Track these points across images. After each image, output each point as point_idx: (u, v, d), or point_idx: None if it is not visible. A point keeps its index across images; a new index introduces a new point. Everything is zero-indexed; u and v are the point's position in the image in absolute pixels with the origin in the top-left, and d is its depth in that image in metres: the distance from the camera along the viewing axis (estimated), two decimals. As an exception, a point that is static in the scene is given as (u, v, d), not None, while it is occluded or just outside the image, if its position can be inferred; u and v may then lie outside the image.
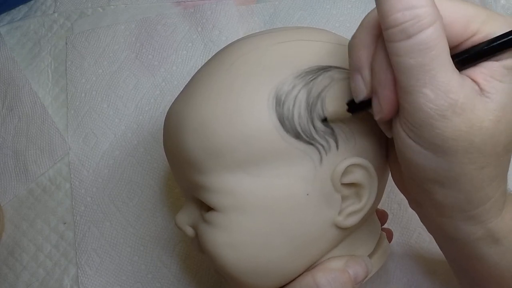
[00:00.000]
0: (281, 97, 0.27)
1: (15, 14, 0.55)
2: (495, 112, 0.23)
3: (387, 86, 0.24)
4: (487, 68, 0.23)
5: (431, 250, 0.42)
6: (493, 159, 0.24)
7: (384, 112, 0.24)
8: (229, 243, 0.28)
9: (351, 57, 0.25)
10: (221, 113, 0.28)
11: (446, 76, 0.22)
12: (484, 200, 0.25)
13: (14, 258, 0.46)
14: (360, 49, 0.25)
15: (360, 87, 0.25)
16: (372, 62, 0.24)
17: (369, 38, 0.24)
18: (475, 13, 0.24)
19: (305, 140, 0.27)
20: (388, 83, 0.24)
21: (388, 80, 0.24)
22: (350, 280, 0.29)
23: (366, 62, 0.25)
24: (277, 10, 0.51)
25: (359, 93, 0.25)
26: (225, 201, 0.28)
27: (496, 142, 0.23)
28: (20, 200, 0.47)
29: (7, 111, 0.50)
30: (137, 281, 0.44)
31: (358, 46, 0.25)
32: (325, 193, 0.28)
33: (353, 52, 0.25)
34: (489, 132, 0.23)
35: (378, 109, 0.25)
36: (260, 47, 0.29)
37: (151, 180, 0.46)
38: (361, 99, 0.25)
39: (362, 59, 0.25)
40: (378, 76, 0.24)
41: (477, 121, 0.23)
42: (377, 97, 0.25)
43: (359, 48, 0.25)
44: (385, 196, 0.43)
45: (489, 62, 0.24)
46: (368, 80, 0.25)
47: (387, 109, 0.24)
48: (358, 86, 0.25)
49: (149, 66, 0.50)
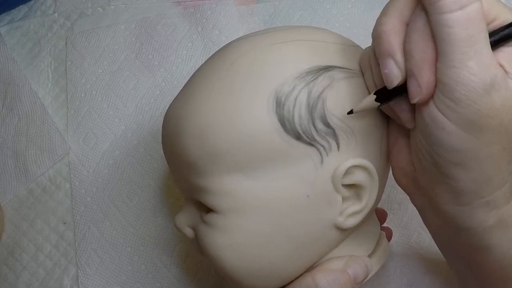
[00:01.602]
0: (281, 98, 0.27)
1: (15, 14, 0.54)
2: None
3: (426, 65, 0.24)
4: (506, 53, 0.24)
5: (431, 250, 0.42)
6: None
7: (424, 92, 0.25)
8: (229, 245, 0.28)
9: (381, 44, 0.25)
10: (221, 114, 0.27)
11: (488, 51, 0.23)
12: (501, 184, 0.26)
13: (14, 258, 0.46)
14: (390, 34, 0.25)
15: (394, 71, 0.25)
16: (406, 45, 0.25)
17: (398, 24, 0.25)
18: (493, 1, 0.25)
19: (305, 141, 0.27)
20: (428, 62, 0.24)
21: (428, 58, 0.24)
22: (350, 281, 0.29)
23: (399, 47, 0.25)
24: (277, 10, 0.51)
25: (394, 78, 0.25)
26: (225, 203, 0.28)
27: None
28: (20, 200, 0.47)
29: (7, 111, 0.50)
30: (137, 281, 0.44)
31: (388, 32, 0.25)
32: (325, 194, 0.28)
33: (383, 38, 0.25)
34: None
35: (417, 91, 0.25)
36: (260, 46, 0.29)
37: (151, 180, 0.46)
38: (396, 84, 0.25)
39: (394, 44, 0.25)
40: (416, 57, 0.24)
41: (509, 100, 0.24)
42: (415, 78, 0.25)
43: (389, 33, 0.25)
44: (385, 196, 0.43)
45: (508, 47, 0.25)
46: (402, 65, 0.25)
47: (427, 89, 0.24)
48: (392, 71, 0.25)
49: (149, 66, 0.50)
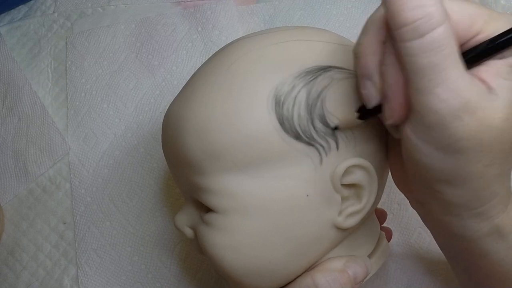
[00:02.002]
0: (281, 97, 0.27)
1: (15, 14, 0.55)
2: (503, 110, 0.23)
3: (397, 90, 0.24)
4: (492, 67, 0.24)
5: (431, 250, 0.42)
6: (500, 156, 0.24)
7: (396, 116, 0.24)
8: (229, 245, 0.28)
9: (359, 64, 0.25)
10: (221, 114, 0.27)
11: (458, 75, 0.22)
12: (491, 196, 0.25)
13: (14, 258, 0.46)
14: (368, 55, 0.25)
15: (371, 93, 0.25)
16: (381, 67, 0.24)
17: (375, 44, 0.24)
18: (478, 12, 0.24)
19: (305, 141, 0.27)
20: (399, 87, 0.24)
21: (398, 83, 0.24)
22: (350, 281, 0.29)
23: (375, 68, 0.25)
24: (277, 10, 0.51)
25: (371, 100, 0.25)
26: (225, 202, 0.28)
27: (504, 139, 0.24)
28: (20, 200, 0.47)
29: (7, 111, 0.50)
30: (137, 281, 0.44)
31: (365, 53, 0.25)
32: (325, 194, 0.28)
33: (360, 59, 0.25)
34: (498, 130, 0.23)
35: (390, 114, 0.25)
36: (259, 47, 0.29)
37: (151, 180, 0.46)
38: (373, 105, 0.25)
39: (371, 65, 0.25)
40: (388, 81, 0.24)
41: (487, 119, 0.23)
42: (388, 102, 0.24)
43: (366, 54, 0.25)
44: (385, 196, 0.43)
45: (493, 61, 0.24)
46: (378, 86, 0.25)
47: (399, 114, 0.24)
48: (369, 92, 0.25)
49: (149, 66, 0.50)
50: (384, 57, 0.24)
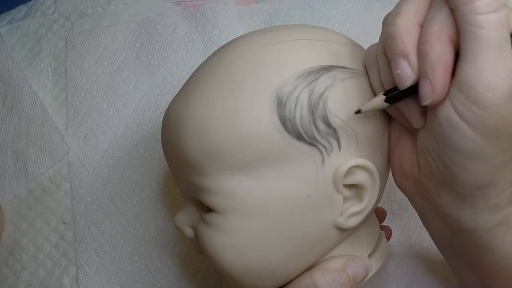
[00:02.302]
0: (283, 98, 0.27)
1: (15, 14, 0.54)
2: None
3: (442, 67, 0.24)
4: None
5: (431, 250, 0.42)
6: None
7: (437, 94, 0.24)
8: (229, 245, 0.28)
9: (395, 44, 0.25)
10: (221, 114, 0.27)
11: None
12: (506, 186, 0.26)
13: (14, 258, 0.46)
14: (404, 35, 0.25)
15: (407, 72, 0.25)
16: (420, 46, 0.25)
17: (412, 25, 0.25)
18: None
19: (307, 141, 0.27)
20: (444, 64, 0.24)
21: (444, 60, 0.24)
22: (349, 281, 0.29)
23: (413, 47, 0.25)
24: (277, 10, 0.51)
25: (407, 79, 0.25)
26: (226, 203, 0.28)
27: None
28: (20, 200, 0.47)
29: (7, 111, 0.50)
30: (137, 281, 0.44)
31: (402, 32, 0.25)
32: (326, 194, 0.28)
33: (397, 39, 0.25)
34: None
35: (429, 92, 0.25)
36: (260, 46, 0.29)
37: (151, 180, 0.46)
38: (409, 85, 0.25)
39: (408, 45, 0.25)
40: (431, 58, 0.24)
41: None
42: (428, 80, 0.24)
43: (403, 34, 0.25)
44: (385, 196, 0.43)
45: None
46: (415, 66, 0.25)
47: (441, 91, 0.24)
48: (405, 71, 0.25)
49: (149, 66, 0.50)
50: (426, 36, 0.24)
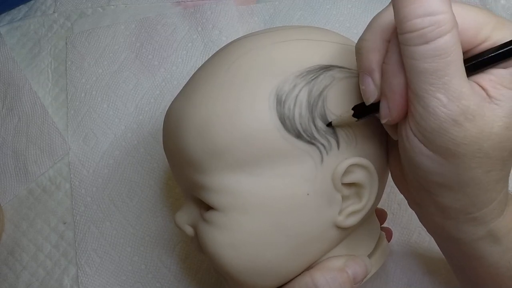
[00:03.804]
0: (282, 96, 0.27)
1: (15, 14, 0.55)
2: (503, 119, 0.23)
3: (398, 90, 0.24)
4: (496, 75, 0.24)
5: (431, 250, 0.42)
6: (499, 163, 0.24)
7: (393, 116, 0.24)
8: (228, 243, 0.28)
9: (361, 60, 0.25)
10: (222, 113, 0.27)
11: (459, 82, 0.22)
12: (488, 202, 0.25)
13: (14, 258, 0.46)
14: (370, 51, 0.25)
15: (371, 89, 0.25)
16: (383, 65, 0.24)
17: (379, 41, 0.24)
18: (486, 19, 0.24)
19: (306, 140, 0.27)
20: (399, 87, 0.24)
21: (399, 84, 0.24)
22: (349, 280, 0.29)
23: (377, 65, 0.25)
24: (277, 10, 0.51)
25: (370, 96, 0.25)
26: (225, 200, 0.28)
27: (504, 147, 0.24)
28: (20, 200, 0.47)
29: (7, 111, 0.50)
30: (137, 281, 0.44)
31: (368, 49, 0.25)
32: (325, 193, 0.28)
33: (363, 55, 0.25)
34: (498, 138, 0.23)
35: (386, 112, 0.25)
36: (260, 46, 0.29)
37: (151, 180, 0.46)
38: (372, 101, 0.25)
39: (373, 62, 0.25)
40: (389, 80, 0.24)
41: (486, 127, 0.23)
42: (386, 100, 0.24)
43: (369, 50, 0.25)
44: (385, 196, 0.43)
45: (497, 69, 0.24)
46: (378, 83, 0.25)
47: (396, 113, 0.24)
48: (368, 88, 0.25)
49: (149, 66, 0.50)
50: (387, 56, 0.24)
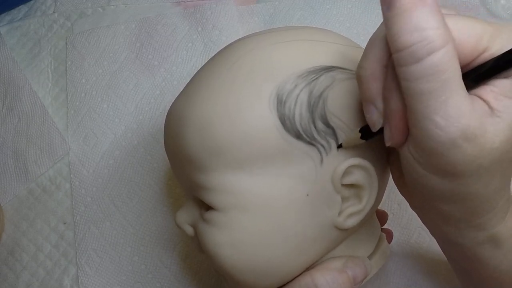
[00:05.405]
0: (283, 96, 0.27)
1: (15, 14, 0.55)
2: (505, 132, 0.22)
3: (397, 114, 0.23)
4: (497, 86, 0.22)
5: (431, 250, 0.42)
6: (499, 174, 0.24)
7: (394, 140, 0.24)
8: (228, 242, 0.28)
9: (362, 89, 0.25)
10: (223, 112, 0.28)
11: (457, 101, 0.21)
12: (489, 210, 0.25)
13: (14, 258, 0.46)
14: (370, 80, 0.24)
15: (375, 118, 0.25)
16: (383, 91, 0.24)
17: (377, 68, 0.24)
18: (484, 29, 0.23)
19: (306, 140, 0.27)
20: (398, 112, 0.23)
21: (398, 108, 0.23)
22: (349, 281, 0.29)
23: (378, 92, 0.24)
24: (277, 10, 0.51)
25: (375, 124, 0.25)
26: (225, 200, 0.28)
27: (504, 159, 0.23)
28: (20, 200, 0.47)
29: (7, 111, 0.50)
30: (137, 281, 0.44)
31: (367, 78, 0.24)
32: (325, 193, 0.28)
33: (363, 84, 0.25)
34: (498, 152, 0.22)
35: (389, 136, 0.24)
36: (262, 46, 0.29)
37: (151, 180, 0.46)
38: (378, 128, 0.25)
39: (373, 90, 0.24)
40: (389, 106, 0.23)
41: (487, 144, 0.22)
42: (388, 125, 0.24)
43: (369, 79, 0.24)
44: (385, 196, 0.43)
45: (499, 80, 0.23)
46: (382, 110, 0.24)
47: (397, 137, 0.24)
48: (372, 117, 0.25)
49: (149, 66, 0.50)
50: (386, 81, 0.23)
